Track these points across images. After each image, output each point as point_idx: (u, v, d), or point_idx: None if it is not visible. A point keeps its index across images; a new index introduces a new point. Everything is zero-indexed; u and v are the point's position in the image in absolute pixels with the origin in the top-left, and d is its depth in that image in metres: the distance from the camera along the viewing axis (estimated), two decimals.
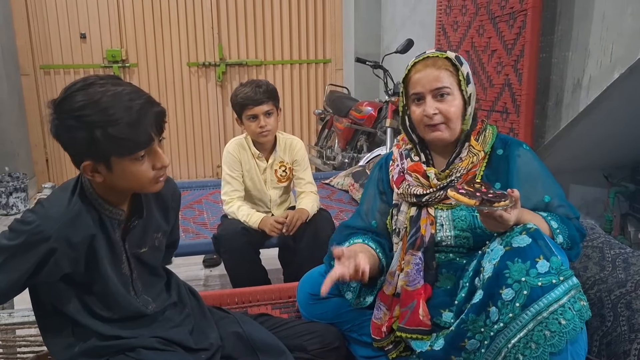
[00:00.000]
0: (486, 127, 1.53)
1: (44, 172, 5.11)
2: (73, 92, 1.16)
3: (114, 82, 1.19)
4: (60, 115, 1.16)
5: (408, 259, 1.48)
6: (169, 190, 1.43)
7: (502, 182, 1.46)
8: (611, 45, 2.18)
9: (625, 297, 1.51)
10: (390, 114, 3.75)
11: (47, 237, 1.18)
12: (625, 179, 3.00)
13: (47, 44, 4.88)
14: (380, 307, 1.52)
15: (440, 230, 1.47)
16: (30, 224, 1.18)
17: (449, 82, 1.44)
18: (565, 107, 2.51)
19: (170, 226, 1.49)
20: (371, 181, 1.68)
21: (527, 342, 1.20)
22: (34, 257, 1.18)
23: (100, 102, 1.14)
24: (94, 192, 1.26)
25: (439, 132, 1.45)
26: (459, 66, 1.45)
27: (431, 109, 1.43)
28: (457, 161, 1.48)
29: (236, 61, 5.25)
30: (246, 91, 2.27)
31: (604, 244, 1.74)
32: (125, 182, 1.24)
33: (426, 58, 1.47)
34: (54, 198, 1.27)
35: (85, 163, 1.19)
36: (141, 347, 1.32)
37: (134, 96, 1.17)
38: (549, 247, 1.24)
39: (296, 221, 2.27)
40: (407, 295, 1.46)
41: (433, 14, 3.39)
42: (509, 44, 2.61)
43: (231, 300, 1.85)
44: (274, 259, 2.49)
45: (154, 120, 1.20)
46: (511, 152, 1.48)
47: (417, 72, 1.46)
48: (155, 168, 1.25)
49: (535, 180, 1.46)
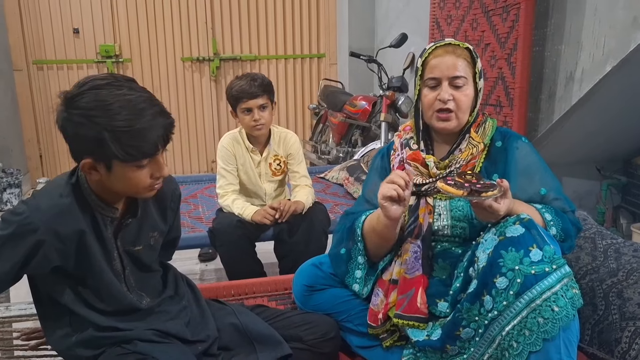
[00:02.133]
0: (486, 119, 1.54)
1: (38, 168, 5.10)
2: (88, 89, 1.15)
3: (130, 87, 1.18)
4: (70, 110, 1.15)
5: (406, 247, 1.49)
6: (169, 189, 1.43)
7: (500, 173, 1.47)
8: (603, 39, 2.20)
9: (616, 286, 1.53)
10: (385, 108, 3.76)
11: (35, 228, 1.18)
12: (617, 172, 3.03)
13: (40, 40, 4.86)
14: (378, 293, 1.54)
15: (438, 220, 1.49)
16: (20, 214, 1.19)
17: (465, 72, 1.45)
18: (558, 100, 2.53)
19: (168, 226, 1.48)
20: (373, 169, 1.68)
21: (521, 329, 1.21)
22: (22, 248, 1.19)
23: (113, 105, 1.14)
24: (89, 188, 1.26)
25: (448, 121, 1.47)
26: (476, 59, 1.47)
27: (447, 94, 1.44)
28: (456, 152, 1.50)
29: (230, 56, 5.24)
30: (241, 84, 2.27)
31: (596, 234, 1.76)
32: (120, 185, 1.23)
33: (447, 44, 1.48)
34: (46, 190, 1.27)
35: (86, 160, 1.18)
36: (137, 339, 1.32)
37: (147, 104, 1.17)
38: (542, 237, 1.26)
39: (289, 208, 2.28)
40: (406, 283, 1.47)
41: (427, 8, 3.40)
42: (503, 38, 2.62)
43: (227, 293, 1.85)
44: (269, 253, 2.50)
45: (163, 131, 1.20)
46: (510, 144, 1.49)
47: (436, 57, 1.47)
48: (153, 177, 1.25)
49: (532, 172, 1.48)
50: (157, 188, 1.29)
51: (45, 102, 4.97)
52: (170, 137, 1.23)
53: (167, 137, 1.22)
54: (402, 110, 3.79)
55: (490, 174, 1.47)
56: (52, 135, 5.04)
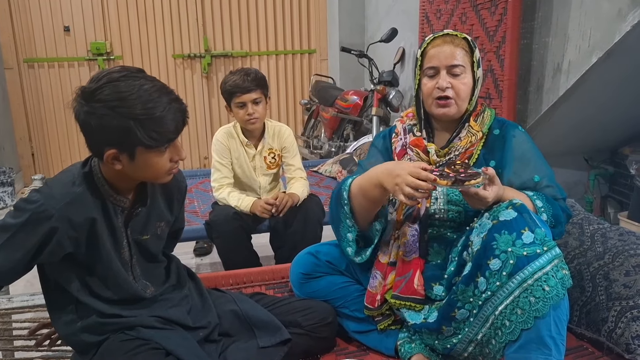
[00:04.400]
0: (485, 109, 1.59)
1: (30, 166, 5.09)
2: (106, 82, 1.19)
3: (144, 77, 1.24)
4: (92, 103, 1.19)
5: (404, 231, 1.54)
6: (176, 182, 1.47)
7: (497, 160, 1.53)
8: (589, 31, 2.25)
9: (603, 268, 1.58)
10: (376, 102, 3.81)
11: (50, 215, 1.21)
12: (605, 162, 3.09)
13: (31, 38, 4.84)
14: (376, 275, 1.58)
15: (435, 204, 1.54)
16: (34, 202, 1.22)
17: (463, 61, 1.49)
18: (546, 92, 2.58)
19: (174, 216, 1.53)
20: (375, 148, 1.71)
21: (513, 308, 1.26)
22: (36, 236, 1.22)
23: (133, 95, 1.19)
24: (102, 178, 1.30)
25: (447, 107, 1.51)
26: (474, 48, 1.51)
27: (445, 82, 1.49)
28: (456, 140, 1.54)
29: (221, 52, 5.26)
30: (235, 79, 2.31)
31: (583, 220, 1.81)
32: (143, 172, 1.29)
33: (445, 35, 1.52)
34: (59, 178, 1.31)
35: (110, 151, 1.22)
36: (140, 326, 1.36)
37: (163, 92, 1.23)
38: (533, 220, 1.31)
39: (286, 202, 2.32)
40: (404, 265, 1.52)
41: (416, 2, 3.44)
42: (491, 31, 2.67)
43: (226, 282, 1.89)
44: (265, 246, 2.53)
45: (181, 116, 1.26)
46: (507, 132, 1.55)
47: (434, 47, 1.51)
48: (173, 160, 1.31)
49: (527, 159, 1.53)
50: (174, 172, 1.35)
51: (36, 100, 4.96)
52: (186, 121, 1.28)
53: (184, 120, 1.28)
54: (393, 104, 3.83)
55: (487, 161, 1.52)
56: (44, 133, 5.04)
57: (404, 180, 1.34)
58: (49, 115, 5.01)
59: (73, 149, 5.11)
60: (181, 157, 1.32)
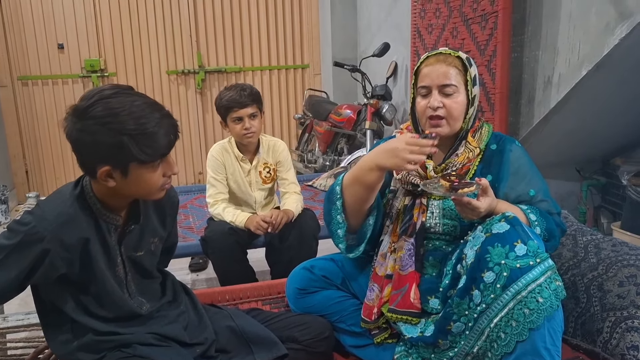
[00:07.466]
0: (483, 125, 1.61)
1: (24, 184, 5.08)
2: (98, 100, 1.20)
3: (135, 93, 1.26)
4: (84, 121, 1.20)
5: (401, 245, 1.55)
6: (168, 197, 1.47)
7: (494, 174, 1.54)
8: (578, 44, 2.28)
9: (597, 279, 1.60)
10: (370, 116, 3.83)
11: (42, 237, 1.22)
12: (596, 173, 3.11)
13: (25, 55, 4.85)
14: (373, 288, 1.59)
15: (430, 218, 1.55)
16: (26, 224, 1.23)
17: (456, 80, 1.49)
18: (537, 104, 2.61)
19: (167, 232, 1.53)
20: None
21: (508, 320, 1.27)
22: (29, 257, 1.22)
23: (125, 111, 1.20)
24: (94, 197, 1.31)
25: (439, 127, 1.51)
26: (469, 67, 1.51)
27: (436, 101, 1.49)
28: (453, 157, 1.55)
29: (215, 68, 5.29)
30: (231, 94, 2.33)
31: (577, 231, 1.83)
32: (136, 188, 1.29)
33: (439, 54, 1.53)
34: (51, 200, 1.31)
35: (103, 168, 1.23)
36: (137, 343, 1.36)
37: (154, 108, 1.25)
38: (526, 233, 1.32)
39: (281, 219, 2.33)
40: (400, 278, 1.53)
41: (408, 17, 3.48)
42: (482, 45, 2.70)
43: (222, 298, 1.89)
44: (260, 262, 2.53)
45: (173, 131, 1.27)
46: (504, 147, 1.56)
47: (427, 66, 1.52)
48: (166, 175, 1.31)
49: (523, 173, 1.54)
50: (167, 187, 1.35)
51: (30, 118, 4.96)
52: (178, 136, 1.30)
53: (176, 136, 1.29)
54: (387, 117, 3.86)
55: (484, 176, 1.53)
56: (38, 151, 5.04)
57: (404, 148, 1.38)
58: (42, 132, 5.01)
59: (67, 166, 5.10)
60: (173, 172, 1.33)
